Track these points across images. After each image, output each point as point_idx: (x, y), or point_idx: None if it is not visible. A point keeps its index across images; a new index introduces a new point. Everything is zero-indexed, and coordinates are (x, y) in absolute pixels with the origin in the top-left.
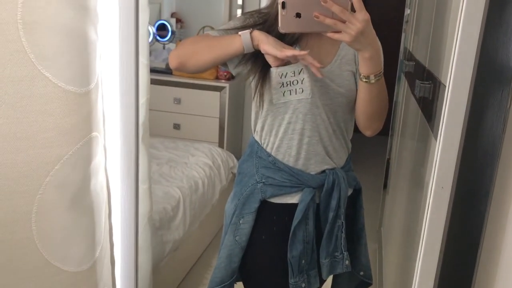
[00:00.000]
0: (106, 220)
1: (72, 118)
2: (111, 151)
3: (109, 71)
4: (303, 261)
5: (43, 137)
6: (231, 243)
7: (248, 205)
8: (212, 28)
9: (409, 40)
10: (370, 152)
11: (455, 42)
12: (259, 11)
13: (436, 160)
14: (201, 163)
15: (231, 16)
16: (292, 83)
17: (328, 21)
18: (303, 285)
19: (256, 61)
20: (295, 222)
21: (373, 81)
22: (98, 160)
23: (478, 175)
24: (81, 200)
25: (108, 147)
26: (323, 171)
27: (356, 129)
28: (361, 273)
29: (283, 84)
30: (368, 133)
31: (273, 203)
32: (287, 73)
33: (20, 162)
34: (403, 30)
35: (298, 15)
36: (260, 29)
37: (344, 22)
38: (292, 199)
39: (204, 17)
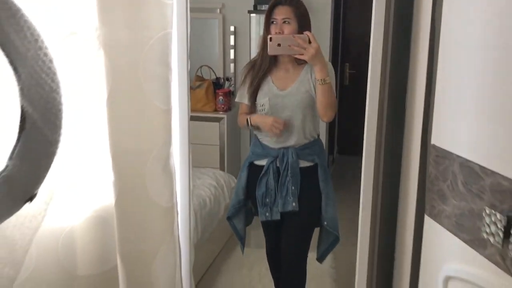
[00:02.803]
0: (176, 184)
1: (162, 122)
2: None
3: (174, 97)
4: (267, 200)
5: (149, 137)
6: (237, 185)
7: (244, 166)
8: (209, 67)
9: None
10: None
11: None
12: (249, 63)
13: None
14: (207, 184)
15: (225, 56)
16: (261, 108)
17: (296, 48)
18: (267, 214)
19: (250, 99)
20: (261, 174)
21: (323, 83)
22: (171, 149)
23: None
24: (167, 168)
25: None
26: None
27: (341, 151)
28: (325, 223)
29: (257, 109)
30: (325, 119)
31: (255, 164)
32: (257, 104)
33: (139, 149)
34: None
35: (279, 45)
36: (251, 74)
37: (304, 48)
38: (263, 162)
39: (202, 57)
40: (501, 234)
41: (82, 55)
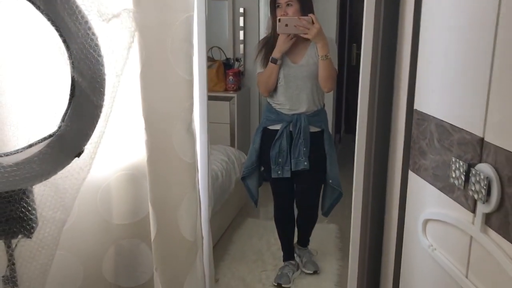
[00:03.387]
0: (197, 144)
1: (186, 90)
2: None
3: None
4: (280, 160)
5: (176, 102)
6: (251, 148)
7: (258, 130)
8: (219, 48)
9: None
10: None
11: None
12: (263, 38)
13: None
14: (219, 159)
15: (235, 37)
16: (279, 80)
17: (301, 28)
18: (279, 172)
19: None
20: (276, 138)
21: (325, 59)
22: (193, 115)
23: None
24: (190, 130)
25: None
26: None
27: (348, 130)
28: (330, 181)
29: (278, 80)
30: (326, 90)
31: (268, 128)
32: (278, 77)
33: (168, 113)
34: None
35: (286, 25)
36: (266, 48)
37: (308, 28)
38: (277, 127)
39: (212, 38)
40: (463, 177)
41: (122, 34)
